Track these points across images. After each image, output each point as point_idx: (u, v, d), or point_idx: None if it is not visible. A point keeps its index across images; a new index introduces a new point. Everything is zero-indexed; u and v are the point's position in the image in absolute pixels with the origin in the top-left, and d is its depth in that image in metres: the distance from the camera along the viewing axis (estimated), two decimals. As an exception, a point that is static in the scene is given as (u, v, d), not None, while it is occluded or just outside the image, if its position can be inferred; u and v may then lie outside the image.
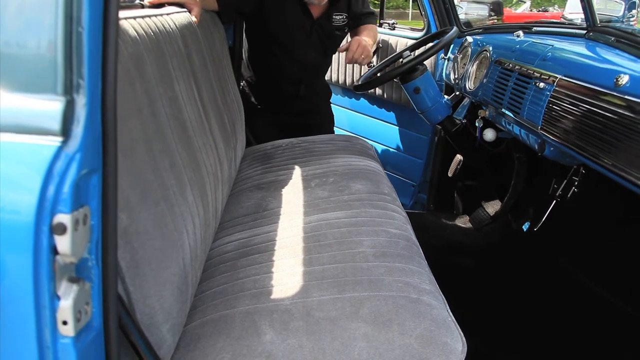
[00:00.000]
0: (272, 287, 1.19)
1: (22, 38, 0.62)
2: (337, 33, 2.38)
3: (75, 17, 0.61)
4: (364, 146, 2.26)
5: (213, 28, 1.86)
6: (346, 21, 2.35)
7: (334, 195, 1.65)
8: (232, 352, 1.01)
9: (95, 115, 0.63)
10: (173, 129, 1.16)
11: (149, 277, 0.90)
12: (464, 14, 4.21)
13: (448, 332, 1.07)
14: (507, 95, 1.78)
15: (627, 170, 1.21)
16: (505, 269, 2.08)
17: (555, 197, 1.79)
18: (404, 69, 2.08)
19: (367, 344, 1.02)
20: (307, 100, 2.46)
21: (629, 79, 1.26)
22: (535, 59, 1.70)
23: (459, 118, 2.26)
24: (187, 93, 1.35)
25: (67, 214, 0.60)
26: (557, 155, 1.61)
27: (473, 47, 2.31)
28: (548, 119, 1.52)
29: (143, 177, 0.94)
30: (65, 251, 0.60)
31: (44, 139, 0.61)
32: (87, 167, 0.62)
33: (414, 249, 1.39)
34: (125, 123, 0.88)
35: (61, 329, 0.62)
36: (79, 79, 0.61)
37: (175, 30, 1.37)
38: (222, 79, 1.87)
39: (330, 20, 2.31)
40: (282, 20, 2.21)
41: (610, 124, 1.27)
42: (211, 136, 1.53)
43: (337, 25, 2.34)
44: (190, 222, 1.14)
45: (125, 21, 1.06)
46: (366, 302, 1.11)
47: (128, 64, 0.97)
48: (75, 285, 0.63)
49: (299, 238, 1.41)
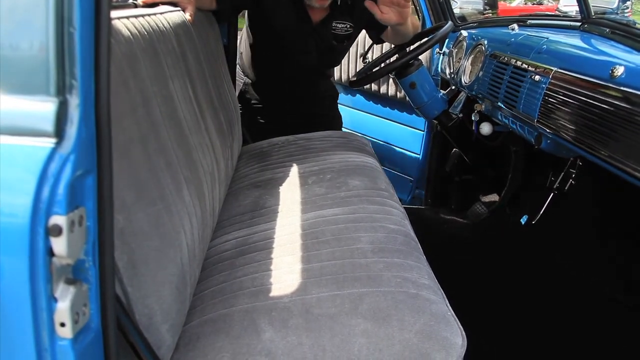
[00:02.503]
0: (270, 285, 1.19)
1: (13, 39, 0.62)
2: (335, 43, 2.24)
3: (67, 17, 0.60)
4: (361, 142, 2.26)
5: (207, 26, 1.86)
6: (350, 31, 2.20)
7: (331, 192, 1.65)
8: (232, 350, 1.01)
9: (88, 115, 0.63)
10: (168, 128, 1.16)
11: (147, 278, 0.90)
12: (458, 8, 4.22)
13: (447, 327, 1.07)
14: (503, 88, 1.78)
15: (624, 162, 1.21)
16: (504, 262, 2.08)
17: (553, 189, 1.79)
18: (399, 64, 2.08)
19: (367, 340, 1.02)
20: (308, 102, 2.40)
21: (624, 70, 1.26)
22: (531, 52, 1.70)
23: (455, 112, 2.26)
24: (182, 92, 1.35)
25: (62, 215, 0.60)
26: (554, 148, 1.61)
27: (468, 41, 2.31)
28: (544, 112, 1.52)
29: (139, 177, 0.93)
30: (61, 253, 0.60)
31: (38, 141, 0.61)
32: (82, 168, 0.62)
33: (412, 244, 1.39)
34: (119, 123, 0.88)
35: (59, 331, 0.62)
36: (72, 80, 0.61)
37: (169, 29, 1.37)
38: (217, 77, 1.86)
39: (330, 27, 2.17)
40: (279, 22, 2.12)
41: (606, 116, 1.27)
42: (207, 135, 1.52)
43: (338, 34, 2.21)
44: (188, 222, 1.14)
45: (118, 21, 1.06)
46: (365, 298, 1.11)
47: (122, 63, 0.96)
48: (73, 287, 0.63)
49: (296, 235, 1.40)
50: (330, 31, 2.18)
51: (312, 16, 2.13)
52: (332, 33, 2.19)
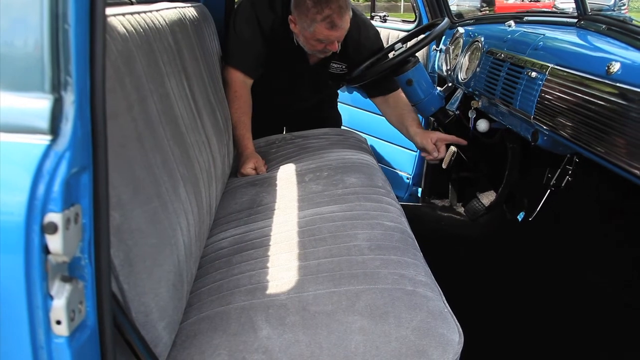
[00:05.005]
0: (267, 283, 1.19)
1: (8, 36, 0.61)
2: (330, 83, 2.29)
3: (61, 14, 0.60)
4: (358, 140, 2.26)
5: (203, 24, 1.85)
6: (345, 71, 2.22)
7: (328, 189, 1.65)
8: (229, 348, 1.01)
9: (84, 112, 0.62)
10: (164, 126, 1.15)
11: (143, 275, 0.89)
12: (455, 5, 4.21)
13: (444, 324, 1.07)
14: (500, 85, 1.78)
15: (620, 158, 1.21)
16: (501, 259, 2.08)
17: (550, 186, 1.79)
18: (396, 62, 2.07)
19: (364, 337, 1.02)
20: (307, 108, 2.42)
21: (620, 66, 1.25)
22: (527, 49, 1.70)
23: (452, 109, 2.26)
24: (178, 89, 1.35)
25: (58, 213, 0.59)
26: (551, 145, 1.61)
27: (465, 38, 2.30)
28: (541, 109, 1.52)
29: (135, 175, 0.93)
30: (57, 250, 0.60)
31: (33, 138, 0.61)
32: (77, 165, 0.62)
33: (409, 241, 1.39)
34: (115, 120, 0.88)
35: (55, 329, 0.62)
36: (67, 77, 0.61)
37: (165, 26, 1.36)
38: (213, 74, 1.86)
39: (327, 67, 2.20)
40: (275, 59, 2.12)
41: (602, 112, 1.27)
42: (204, 132, 1.52)
43: (334, 73, 2.23)
44: (184, 219, 1.14)
45: (114, 18, 1.05)
46: (362, 296, 1.11)
47: (117, 60, 0.96)
48: (68, 285, 0.63)
49: (293, 233, 1.40)
50: (327, 70, 2.22)
51: (309, 56, 2.15)
52: (329, 72, 2.23)
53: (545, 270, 1.85)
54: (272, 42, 2.07)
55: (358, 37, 2.14)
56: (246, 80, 2.07)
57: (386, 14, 3.26)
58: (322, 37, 1.92)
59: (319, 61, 2.17)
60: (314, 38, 1.94)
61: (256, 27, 2.03)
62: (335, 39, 1.94)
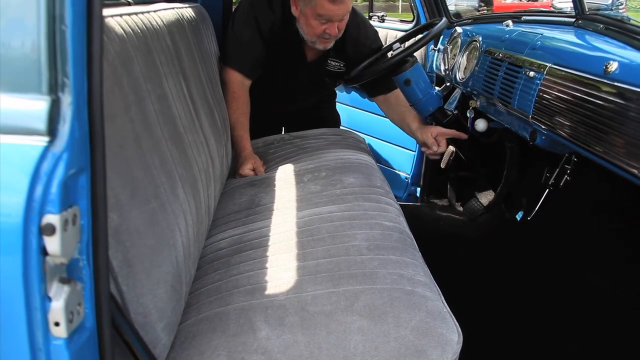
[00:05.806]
0: (266, 283, 1.19)
1: (5, 37, 0.61)
2: (327, 80, 2.28)
3: (58, 15, 0.60)
4: (356, 140, 2.26)
5: (201, 24, 1.85)
6: (343, 70, 2.23)
7: (327, 189, 1.65)
8: (228, 349, 1.01)
9: (81, 113, 0.62)
10: (162, 126, 1.15)
11: (142, 276, 0.89)
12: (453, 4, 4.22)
13: (443, 323, 1.07)
14: (498, 85, 1.78)
15: (618, 157, 1.21)
16: (500, 258, 2.08)
17: (548, 186, 1.79)
18: (394, 61, 2.07)
19: (363, 337, 1.02)
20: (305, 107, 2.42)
21: (618, 65, 1.26)
22: (525, 48, 1.70)
23: (450, 109, 2.26)
24: (176, 90, 1.34)
25: (55, 214, 0.59)
26: (549, 144, 1.61)
27: (463, 37, 2.30)
28: (539, 108, 1.52)
29: (133, 175, 0.93)
30: (55, 252, 0.60)
31: (30, 139, 0.61)
32: (75, 166, 0.62)
33: (408, 241, 1.39)
34: (113, 121, 0.88)
35: (53, 331, 0.62)
36: (64, 78, 0.61)
37: (163, 27, 1.36)
38: (211, 75, 1.86)
39: (325, 64, 2.20)
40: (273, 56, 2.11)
41: (600, 111, 1.27)
42: (202, 133, 1.52)
43: (331, 71, 2.23)
44: (183, 220, 1.14)
45: (111, 19, 1.05)
46: (361, 296, 1.11)
47: (115, 61, 0.96)
48: (67, 286, 0.62)
49: (292, 233, 1.40)
50: (324, 68, 2.22)
51: (307, 53, 2.15)
52: (326, 70, 2.22)
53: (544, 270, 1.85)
54: (271, 42, 2.07)
55: (357, 35, 2.14)
56: (244, 81, 2.07)
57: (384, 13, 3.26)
58: (323, 11, 1.90)
59: (317, 58, 2.17)
60: (314, 14, 1.92)
61: (255, 28, 2.03)
62: (335, 17, 1.93)
